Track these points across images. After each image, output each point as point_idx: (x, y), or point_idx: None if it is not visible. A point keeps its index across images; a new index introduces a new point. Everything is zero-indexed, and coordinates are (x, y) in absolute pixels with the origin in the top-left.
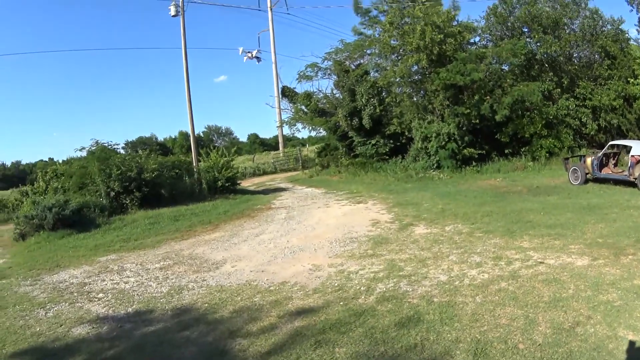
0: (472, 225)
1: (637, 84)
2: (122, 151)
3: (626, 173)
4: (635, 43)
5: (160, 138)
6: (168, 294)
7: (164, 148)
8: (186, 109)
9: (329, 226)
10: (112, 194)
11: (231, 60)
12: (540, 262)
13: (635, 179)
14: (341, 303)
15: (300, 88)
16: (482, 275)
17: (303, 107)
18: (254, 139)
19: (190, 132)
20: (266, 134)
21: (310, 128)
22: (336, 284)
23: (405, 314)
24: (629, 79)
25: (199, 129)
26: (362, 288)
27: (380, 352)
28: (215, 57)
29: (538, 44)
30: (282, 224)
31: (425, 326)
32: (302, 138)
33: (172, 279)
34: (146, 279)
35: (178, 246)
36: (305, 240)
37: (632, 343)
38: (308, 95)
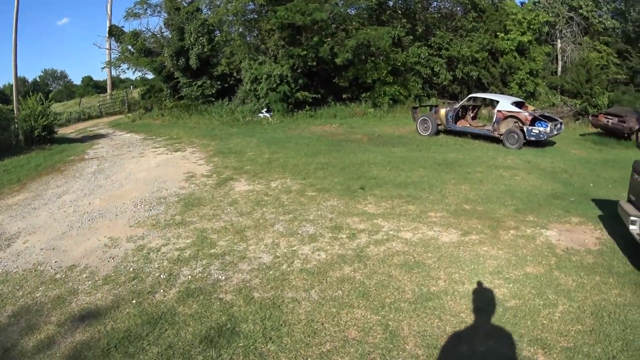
0: (304, 181)
1: (508, 39)
2: None
3: (489, 128)
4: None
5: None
6: None
7: (2, 95)
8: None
9: (137, 182)
10: None
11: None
12: (394, 236)
13: (501, 134)
14: (134, 301)
15: (130, 27)
16: (318, 255)
17: (130, 47)
18: (88, 81)
19: (13, 79)
20: (100, 76)
21: (135, 69)
22: (131, 269)
23: (216, 320)
24: (498, 33)
25: (35, 74)
26: (162, 275)
27: None
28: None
29: None
30: (89, 180)
31: (243, 343)
32: (136, 79)
33: None
34: None
35: None
36: (108, 201)
37: None
38: (135, 35)
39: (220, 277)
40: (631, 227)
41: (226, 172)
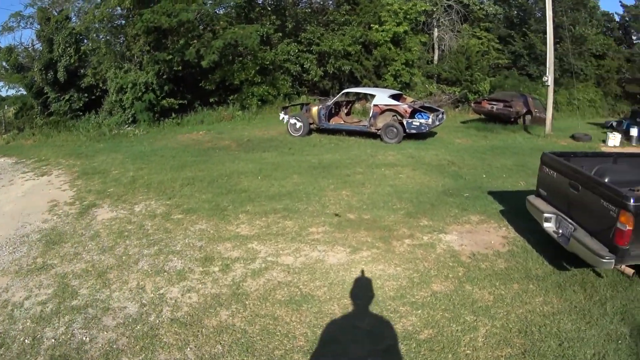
0: (169, 202)
1: (382, 30)
2: None
3: (365, 123)
4: None
5: None
6: None
7: None
8: None
9: (4, 216)
10: None
11: None
12: (273, 263)
13: (379, 129)
14: None
15: (5, 42)
16: (189, 298)
17: (4, 64)
18: None
19: None
20: None
21: (9, 86)
22: None
23: None
24: (372, 25)
25: None
26: (26, 340)
27: None
28: None
29: None
30: None
31: None
32: (8, 98)
33: None
34: None
35: None
36: None
37: None
38: (9, 50)
39: (84, 338)
40: (545, 224)
41: (89, 198)
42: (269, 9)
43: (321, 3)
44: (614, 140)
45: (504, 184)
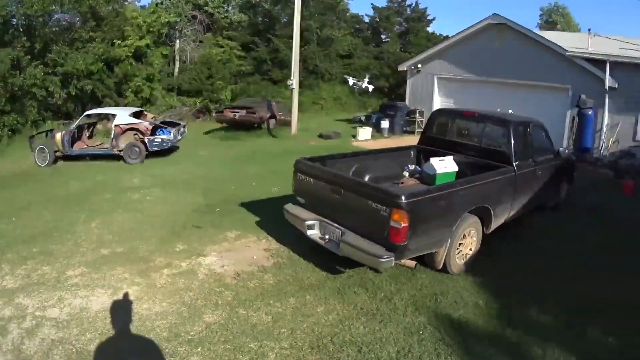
0: None
1: (124, 46)
2: None
3: (107, 145)
4: (133, 3)
5: None
6: None
7: None
8: None
9: None
10: None
11: None
12: (42, 318)
13: (121, 151)
14: None
15: None
16: None
17: None
18: None
19: None
20: None
21: None
22: None
23: None
24: (115, 41)
25: None
26: None
27: None
28: None
29: (20, 3)
30: None
31: None
32: None
33: None
34: None
35: None
36: None
37: None
38: None
39: None
40: (309, 232)
41: None
42: (21, 30)
43: (69, 20)
44: (365, 133)
45: (255, 193)
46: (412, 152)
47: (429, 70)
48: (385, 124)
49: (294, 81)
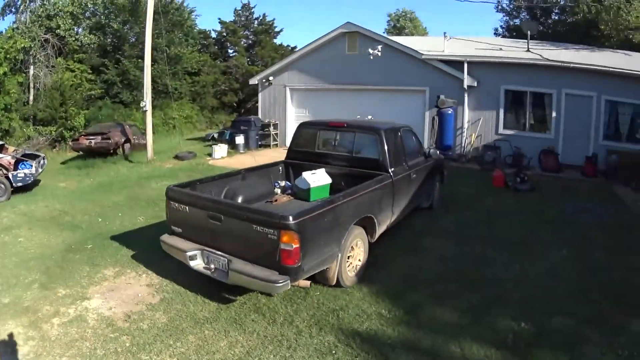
0: None
1: None
2: None
3: None
4: None
5: None
6: None
7: None
8: None
9: None
10: None
11: None
12: None
13: None
14: None
15: None
16: None
17: None
18: None
19: None
20: None
21: None
22: None
23: None
24: None
25: None
26: None
27: None
28: None
29: None
30: None
31: None
32: None
33: None
34: None
35: None
36: None
37: None
38: None
39: None
40: (192, 263)
41: None
42: None
43: None
44: (221, 151)
45: (123, 224)
46: (280, 168)
47: (280, 82)
48: (240, 139)
49: (147, 102)
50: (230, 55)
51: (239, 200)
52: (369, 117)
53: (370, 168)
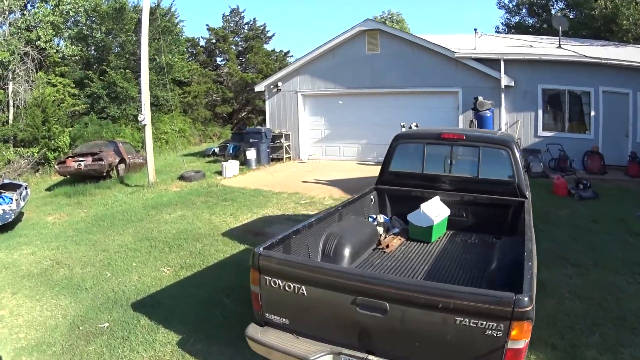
0: None
1: None
2: None
3: None
4: None
5: None
6: None
7: None
8: None
9: None
10: None
11: None
12: None
13: None
14: None
15: None
16: None
17: None
18: None
19: None
20: None
21: None
22: None
23: None
24: None
25: None
26: None
27: None
28: None
29: None
30: None
31: None
32: None
33: None
34: None
35: None
36: None
37: None
38: None
39: None
40: None
41: None
42: None
43: None
44: (232, 168)
45: (143, 281)
46: (372, 197)
47: (291, 87)
48: (251, 154)
49: (146, 115)
50: (220, 63)
51: (346, 251)
52: (413, 124)
53: (501, 193)
